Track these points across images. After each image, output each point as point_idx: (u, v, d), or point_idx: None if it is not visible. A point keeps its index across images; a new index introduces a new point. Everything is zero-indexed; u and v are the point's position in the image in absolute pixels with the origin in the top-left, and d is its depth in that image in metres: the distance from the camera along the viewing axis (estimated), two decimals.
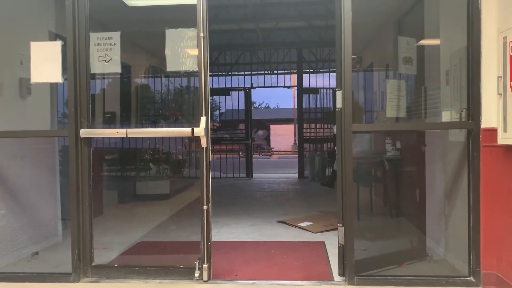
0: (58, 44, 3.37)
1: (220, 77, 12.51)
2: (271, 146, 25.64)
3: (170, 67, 3.39)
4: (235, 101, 10.84)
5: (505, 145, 2.99)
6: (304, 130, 10.42)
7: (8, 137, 3.65)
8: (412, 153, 4.27)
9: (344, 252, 3.21)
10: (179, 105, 9.10)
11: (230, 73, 12.69)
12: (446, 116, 3.51)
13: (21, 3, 3.97)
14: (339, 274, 3.28)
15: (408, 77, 4.06)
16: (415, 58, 3.76)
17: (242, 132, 11.91)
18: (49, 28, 4.19)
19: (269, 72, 13.11)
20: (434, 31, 3.93)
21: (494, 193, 3.08)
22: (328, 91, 10.38)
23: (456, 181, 3.51)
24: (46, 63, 3.33)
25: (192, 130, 3.18)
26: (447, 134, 3.66)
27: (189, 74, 7.80)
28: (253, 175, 10.39)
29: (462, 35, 3.24)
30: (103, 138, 5.21)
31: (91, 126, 3.38)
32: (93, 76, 3.68)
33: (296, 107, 10.41)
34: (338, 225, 3.25)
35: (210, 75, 3.29)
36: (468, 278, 3.17)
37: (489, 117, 3.09)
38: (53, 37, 4.10)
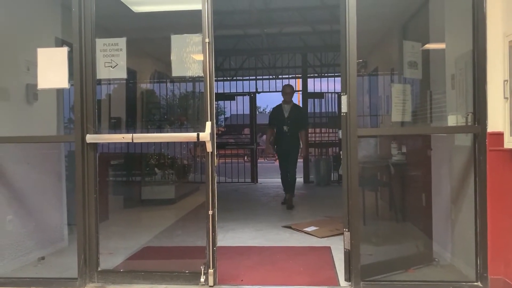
0: (64, 50, 3.39)
1: (225, 82, 12.53)
2: None
3: (176, 72, 3.40)
4: (240, 106, 10.85)
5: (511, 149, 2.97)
6: (309, 135, 10.40)
7: (15, 142, 3.67)
8: (418, 157, 4.26)
9: (350, 257, 3.19)
10: (184, 110, 9.13)
11: (235, 78, 12.71)
12: (452, 120, 3.50)
13: (28, 10, 4.01)
14: (345, 279, 3.26)
15: (413, 81, 4.06)
16: (420, 62, 3.75)
17: (247, 137, 11.91)
18: (55, 35, 4.23)
19: (274, 77, 13.10)
20: (439, 35, 3.93)
21: (501, 197, 3.07)
22: (333, 95, 10.37)
23: (462, 185, 3.49)
24: (52, 69, 3.35)
25: (198, 135, 3.19)
26: (453, 138, 3.64)
27: (194, 79, 7.83)
28: (258, 179, 10.38)
29: (467, 39, 3.24)
30: (108, 143, 5.23)
31: (97, 131, 3.40)
32: (99, 82, 3.71)
33: None
34: (344, 230, 3.24)
35: (215, 80, 3.29)
36: (476, 283, 3.14)
37: (496, 121, 3.08)
38: (60, 43, 4.13)
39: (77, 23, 3.32)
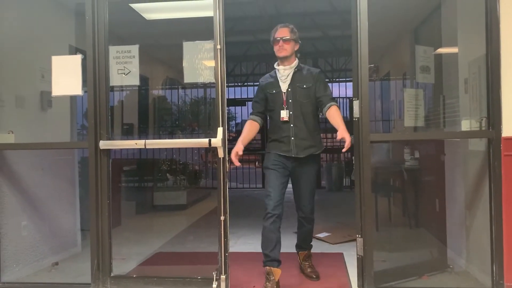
0: (78, 57, 3.44)
1: (236, 87, 12.58)
2: None
3: (188, 79, 3.42)
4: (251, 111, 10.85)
5: None
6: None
7: (30, 149, 3.72)
8: (431, 162, 4.22)
9: (363, 263, 3.16)
10: (196, 116, 9.17)
11: (246, 83, 12.76)
12: (466, 125, 3.46)
13: (43, 18, 4.08)
14: (358, 286, 3.23)
15: (426, 86, 4.03)
16: (433, 66, 3.73)
17: (258, 142, 11.91)
18: (69, 42, 4.29)
19: None
20: (452, 39, 3.90)
21: None
22: (345, 100, 10.34)
23: (477, 190, 3.45)
24: (66, 77, 3.40)
25: (209, 140, 3.20)
26: (466, 143, 3.60)
27: (205, 86, 7.87)
28: None
29: (480, 43, 3.21)
30: (121, 149, 5.28)
31: (110, 137, 3.43)
32: (112, 89, 3.74)
33: None
34: (357, 236, 3.21)
35: (227, 86, 3.30)
36: None
37: (510, 125, 3.04)
38: (73, 51, 4.19)
39: (91, 31, 3.36)
